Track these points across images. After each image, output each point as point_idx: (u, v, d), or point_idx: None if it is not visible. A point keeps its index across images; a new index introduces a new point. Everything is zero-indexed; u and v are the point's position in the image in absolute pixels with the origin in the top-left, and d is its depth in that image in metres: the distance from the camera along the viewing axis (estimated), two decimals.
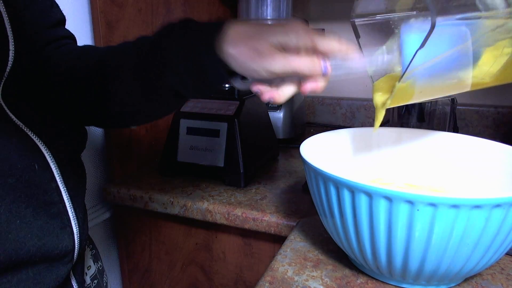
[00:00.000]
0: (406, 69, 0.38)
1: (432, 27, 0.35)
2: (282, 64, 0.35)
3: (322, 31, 1.00)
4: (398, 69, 0.42)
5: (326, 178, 0.39)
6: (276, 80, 0.38)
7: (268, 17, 0.95)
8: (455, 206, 0.33)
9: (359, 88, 1.17)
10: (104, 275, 0.55)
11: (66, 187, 0.39)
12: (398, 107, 0.93)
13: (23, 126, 0.37)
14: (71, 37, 0.50)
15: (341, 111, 1.17)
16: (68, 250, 0.39)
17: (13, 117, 0.37)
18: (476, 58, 0.39)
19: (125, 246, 0.80)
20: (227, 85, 0.80)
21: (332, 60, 0.37)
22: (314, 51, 0.36)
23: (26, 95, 0.41)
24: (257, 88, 0.39)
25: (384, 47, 0.42)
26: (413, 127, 0.76)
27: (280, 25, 0.36)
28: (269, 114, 0.89)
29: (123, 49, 0.43)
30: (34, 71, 0.43)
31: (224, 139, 0.71)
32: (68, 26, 0.50)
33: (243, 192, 0.69)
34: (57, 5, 0.47)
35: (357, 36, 0.44)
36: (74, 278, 0.42)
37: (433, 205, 0.33)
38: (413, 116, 0.91)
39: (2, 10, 0.35)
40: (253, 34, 0.35)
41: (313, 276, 0.44)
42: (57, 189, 0.38)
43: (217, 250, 0.71)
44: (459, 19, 0.37)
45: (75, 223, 0.40)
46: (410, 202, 0.34)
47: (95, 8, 0.69)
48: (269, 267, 0.46)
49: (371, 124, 1.14)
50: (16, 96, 0.38)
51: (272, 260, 0.47)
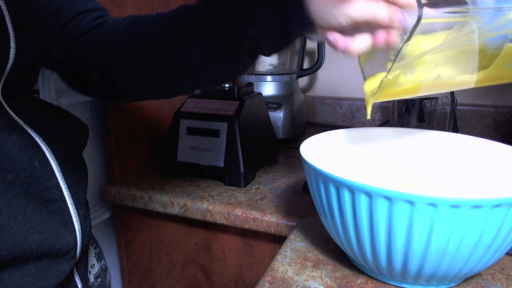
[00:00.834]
0: (394, 62, 0.38)
1: (418, 20, 0.35)
2: (363, 10, 0.35)
3: None
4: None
5: (326, 178, 0.39)
6: (351, 32, 0.38)
7: None
8: (455, 206, 0.33)
9: (359, 88, 1.16)
10: (108, 274, 0.55)
11: (67, 184, 0.39)
12: (398, 107, 0.93)
13: (23, 123, 0.37)
14: (96, 9, 0.49)
15: (341, 111, 1.17)
16: (70, 247, 0.39)
17: (13, 114, 0.37)
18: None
19: (125, 246, 0.80)
20: (227, 85, 0.80)
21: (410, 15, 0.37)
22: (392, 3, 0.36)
23: (27, 92, 0.41)
24: (332, 36, 0.38)
25: None
26: (413, 127, 0.76)
27: None
28: (269, 114, 0.89)
29: (186, 9, 0.42)
30: (36, 69, 0.43)
31: (224, 139, 0.71)
32: None
33: (243, 192, 0.69)
34: None
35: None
36: (78, 275, 0.42)
37: (433, 205, 0.33)
38: (413, 116, 0.91)
39: (3, 7, 0.34)
40: None
41: (313, 276, 0.44)
42: (58, 186, 0.38)
43: (217, 250, 0.71)
44: (447, 13, 0.37)
45: (77, 220, 0.40)
46: (410, 202, 0.34)
47: None
48: (269, 267, 0.46)
49: (371, 124, 1.14)
50: (16, 93, 0.38)
51: (272, 260, 0.47)
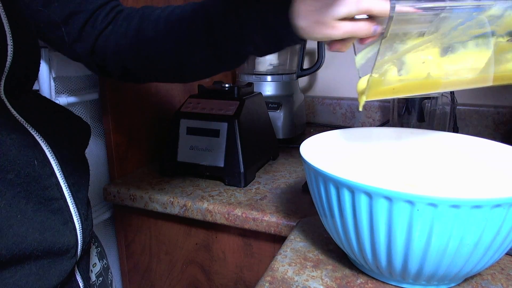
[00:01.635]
0: (375, 61, 0.39)
1: (391, 18, 0.35)
2: (343, 32, 0.41)
3: None
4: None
5: (326, 178, 0.39)
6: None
7: None
8: (455, 206, 0.33)
9: None
10: (109, 273, 0.55)
11: (67, 183, 0.39)
12: (398, 107, 0.93)
13: (24, 122, 0.37)
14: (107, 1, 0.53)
15: (341, 111, 1.17)
16: (71, 246, 0.39)
17: (15, 113, 0.36)
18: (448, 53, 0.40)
19: (125, 246, 0.80)
20: (227, 85, 0.80)
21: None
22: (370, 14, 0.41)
23: (28, 91, 0.40)
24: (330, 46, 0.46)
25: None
26: (413, 127, 0.76)
27: None
28: (269, 114, 0.89)
29: (191, 15, 0.49)
30: (35, 66, 0.42)
31: (224, 139, 0.71)
32: None
33: (243, 192, 0.69)
34: None
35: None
36: (79, 274, 0.42)
37: (433, 205, 0.33)
38: (413, 116, 0.91)
39: None
40: (319, 8, 0.41)
41: (313, 276, 0.44)
42: (58, 185, 0.38)
43: (217, 250, 0.71)
44: (422, 8, 0.37)
45: (78, 219, 0.40)
46: (410, 202, 0.34)
47: None
48: (269, 267, 0.46)
49: (371, 124, 1.14)
50: (18, 92, 0.38)
51: (272, 260, 0.47)
